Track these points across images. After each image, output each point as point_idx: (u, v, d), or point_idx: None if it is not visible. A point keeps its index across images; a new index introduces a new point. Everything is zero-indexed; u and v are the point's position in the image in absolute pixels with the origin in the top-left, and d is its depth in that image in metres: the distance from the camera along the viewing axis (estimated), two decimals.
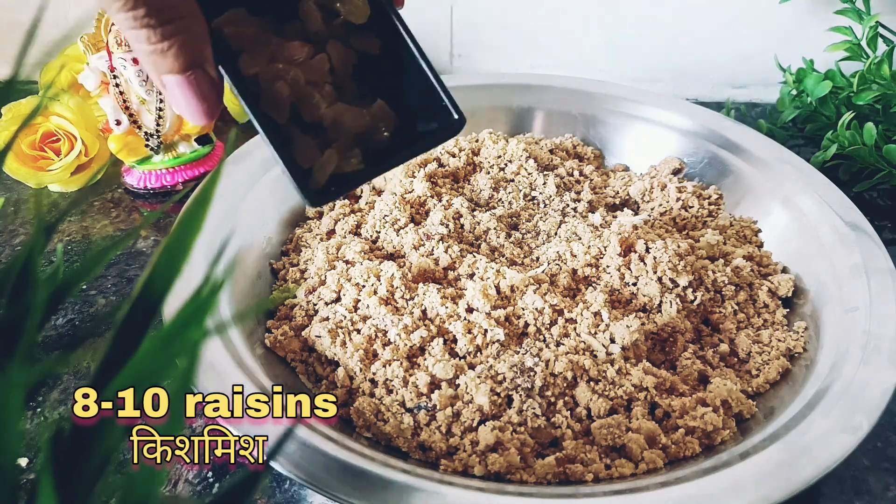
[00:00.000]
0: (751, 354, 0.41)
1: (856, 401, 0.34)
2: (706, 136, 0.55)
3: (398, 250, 0.45)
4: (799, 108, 0.63)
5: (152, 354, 0.15)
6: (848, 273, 0.42)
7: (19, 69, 0.16)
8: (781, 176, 0.50)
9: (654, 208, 0.52)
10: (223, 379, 0.34)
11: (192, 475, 0.37)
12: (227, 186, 0.46)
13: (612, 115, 0.58)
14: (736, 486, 0.30)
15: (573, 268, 0.43)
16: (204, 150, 0.60)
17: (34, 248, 0.17)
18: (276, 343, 0.40)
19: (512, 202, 0.50)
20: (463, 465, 0.33)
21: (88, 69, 0.54)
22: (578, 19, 0.72)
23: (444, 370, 0.36)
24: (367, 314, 0.40)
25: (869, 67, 0.57)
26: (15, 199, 0.59)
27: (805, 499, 0.31)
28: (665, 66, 0.74)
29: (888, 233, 0.55)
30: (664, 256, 0.42)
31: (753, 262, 0.46)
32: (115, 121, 0.55)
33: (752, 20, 0.70)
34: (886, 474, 0.38)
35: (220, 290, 0.15)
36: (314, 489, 0.29)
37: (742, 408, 0.37)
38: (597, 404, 0.36)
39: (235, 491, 0.17)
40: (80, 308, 0.47)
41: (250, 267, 0.44)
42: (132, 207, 0.58)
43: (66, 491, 0.16)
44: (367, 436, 0.36)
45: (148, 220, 0.56)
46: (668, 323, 0.41)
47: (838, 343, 0.38)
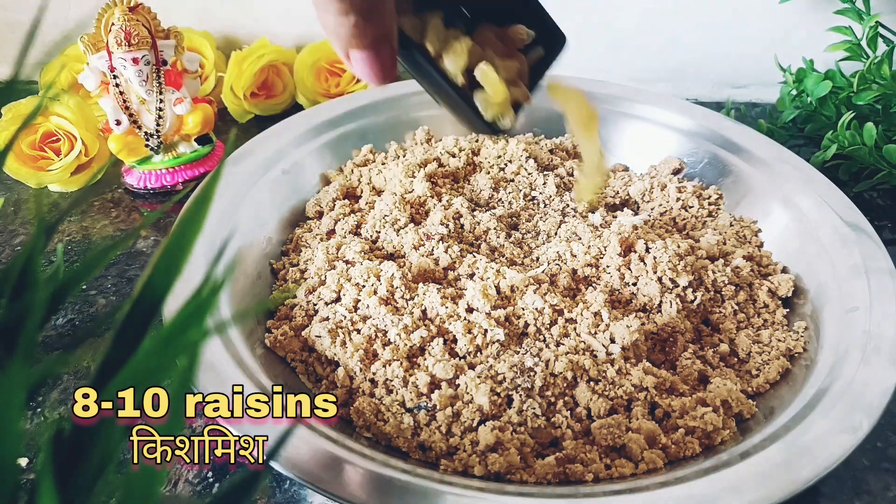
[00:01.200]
0: (751, 354, 0.41)
1: (856, 401, 0.34)
2: (706, 136, 0.55)
3: (398, 250, 0.45)
4: (799, 108, 0.63)
5: (152, 354, 0.15)
6: (848, 273, 0.42)
7: (19, 69, 0.16)
8: (781, 176, 0.50)
9: (654, 208, 0.52)
10: (223, 379, 0.34)
11: (192, 475, 0.37)
12: (227, 186, 0.46)
13: (613, 114, 0.58)
14: (736, 486, 0.30)
15: (573, 268, 0.44)
16: (204, 150, 0.60)
17: (34, 248, 0.17)
18: (276, 343, 0.40)
19: (512, 202, 0.50)
20: (463, 465, 0.33)
21: (88, 69, 0.54)
22: (579, 19, 0.72)
23: (444, 370, 0.36)
24: (367, 314, 0.40)
25: (869, 67, 0.57)
26: (15, 199, 0.59)
27: (805, 499, 0.31)
28: (665, 66, 0.74)
29: (888, 233, 0.55)
30: (664, 256, 0.42)
31: (753, 262, 0.46)
32: (115, 121, 0.55)
33: (752, 20, 0.70)
34: (886, 474, 0.38)
35: (220, 290, 0.15)
36: (314, 489, 0.29)
37: (742, 408, 0.37)
38: (597, 404, 0.36)
39: (235, 491, 0.17)
40: (80, 308, 0.47)
41: (250, 267, 0.44)
42: (132, 207, 0.58)
43: (66, 491, 0.16)
44: (367, 436, 0.36)
45: (148, 220, 0.56)
46: (668, 323, 0.41)
47: (838, 343, 0.38)
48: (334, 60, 0.69)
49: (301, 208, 0.51)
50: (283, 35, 0.75)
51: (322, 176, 0.54)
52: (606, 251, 0.44)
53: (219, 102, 0.67)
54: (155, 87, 0.56)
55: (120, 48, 0.52)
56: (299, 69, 0.69)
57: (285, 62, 0.70)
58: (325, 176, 0.54)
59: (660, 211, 0.51)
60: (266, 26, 0.74)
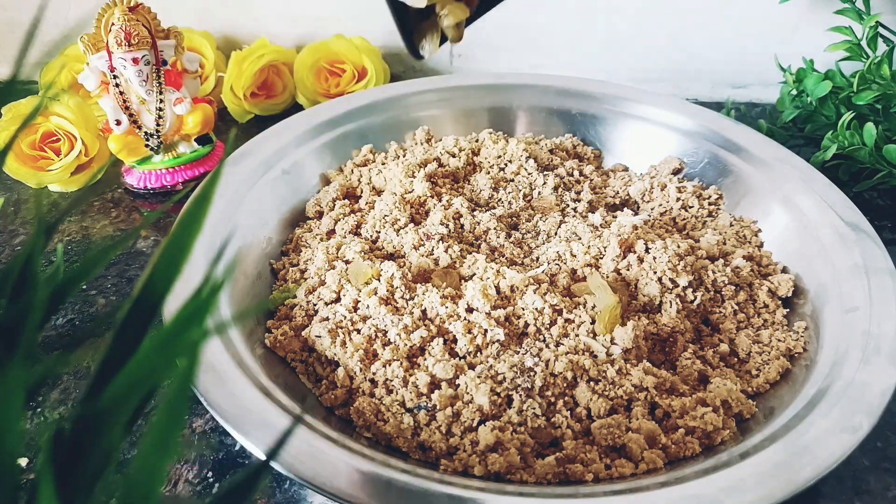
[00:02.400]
0: (751, 354, 0.41)
1: (856, 401, 0.34)
2: (706, 136, 0.55)
3: (398, 250, 0.45)
4: (799, 108, 0.63)
5: (152, 354, 0.15)
6: (848, 273, 0.42)
7: (19, 69, 0.16)
8: (781, 176, 0.50)
9: (654, 208, 0.52)
10: (223, 379, 0.34)
11: (192, 475, 0.37)
12: (227, 186, 0.46)
13: (612, 114, 0.58)
14: (736, 486, 0.30)
15: (573, 268, 0.43)
16: (204, 150, 0.60)
17: (34, 248, 0.17)
18: (276, 343, 0.40)
19: (512, 202, 0.50)
20: (463, 465, 0.33)
21: (88, 69, 0.54)
22: (578, 19, 0.72)
23: (444, 370, 0.36)
24: (367, 314, 0.40)
25: (869, 67, 0.57)
26: (15, 199, 0.59)
27: (805, 499, 0.31)
28: (665, 66, 0.74)
29: (888, 233, 0.55)
30: (664, 257, 0.42)
31: (753, 262, 0.46)
32: (115, 121, 0.55)
33: (752, 20, 0.70)
34: (886, 474, 0.38)
35: (220, 290, 0.15)
36: (314, 489, 0.29)
37: (742, 408, 0.37)
38: (597, 404, 0.36)
39: (235, 491, 0.17)
40: (80, 308, 0.47)
41: (250, 267, 0.44)
42: (132, 207, 0.58)
43: (66, 491, 0.16)
44: (367, 436, 0.36)
45: (148, 220, 0.56)
46: (668, 323, 0.41)
47: (838, 343, 0.38)
48: (334, 60, 0.69)
49: (301, 208, 0.51)
50: (283, 35, 0.75)
51: (322, 176, 0.54)
52: (606, 251, 0.44)
53: (219, 102, 0.67)
54: (155, 87, 0.56)
55: (120, 48, 0.52)
56: (299, 69, 0.69)
57: (285, 62, 0.70)
58: (325, 176, 0.54)
59: (660, 211, 0.51)
60: (266, 26, 0.75)
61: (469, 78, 0.61)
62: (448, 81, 0.60)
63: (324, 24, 0.74)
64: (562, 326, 0.39)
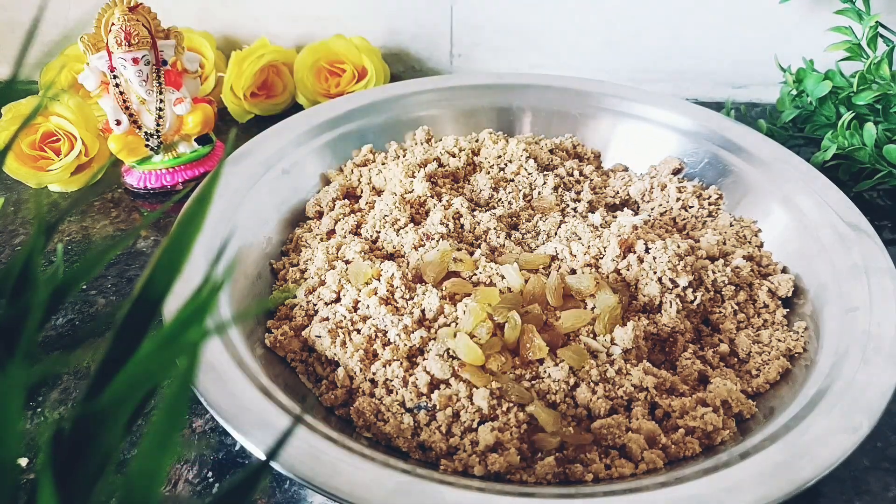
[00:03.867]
0: (751, 354, 0.41)
1: (856, 401, 0.34)
2: (706, 136, 0.55)
3: (398, 250, 0.45)
4: (799, 108, 0.63)
5: (152, 354, 0.15)
6: (848, 273, 0.42)
7: (19, 69, 0.16)
8: (781, 176, 0.50)
9: (654, 208, 0.52)
10: (223, 379, 0.34)
11: (192, 475, 0.37)
12: (227, 186, 0.46)
13: (612, 114, 0.58)
14: (736, 486, 0.30)
15: (572, 267, 0.43)
16: (204, 150, 0.60)
17: (34, 248, 0.17)
18: (276, 343, 0.40)
19: (512, 202, 0.50)
20: (463, 465, 0.33)
21: (88, 69, 0.54)
22: (578, 19, 0.72)
23: (442, 370, 0.36)
24: (367, 314, 0.40)
25: (869, 67, 0.57)
26: (15, 199, 0.59)
27: (805, 499, 0.31)
28: (665, 66, 0.74)
29: (888, 233, 0.55)
30: (664, 257, 0.42)
31: (753, 262, 0.46)
32: (115, 121, 0.55)
33: (752, 20, 0.70)
34: (886, 474, 0.38)
35: (220, 290, 0.15)
36: (314, 489, 0.29)
37: (742, 408, 0.37)
38: (597, 404, 0.36)
39: (235, 491, 0.17)
40: (80, 308, 0.47)
41: (250, 267, 0.44)
42: (132, 207, 0.58)
43: (66, 491, 0.16)
44: (367, 436, 0.36)
45: (148, 220, 0.56)
46: (668, 323, 0.41)
47: (838, 343, 0.38)
48: (334, 60, 0.69)
49: (301, 208, 0.51)
50: (283, 35, 0.75)
51: (322, 176, 0.54)
52: (606, 251, 0.44)
53: (219, 102, 0.67)
54: (155, 87, 0.56)
55: (120, 48, 0.52)
56: (299, 69, 0.69)
57: (285, 62, 0.70)
58: (325, 176, 0.54)
59: (660, 211, 0.51)
60: (266, 26, 0.75)
61: (469, 78, 0.61)
62: (448, 81, 0.60)
63: (324, 24, 0.74)
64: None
